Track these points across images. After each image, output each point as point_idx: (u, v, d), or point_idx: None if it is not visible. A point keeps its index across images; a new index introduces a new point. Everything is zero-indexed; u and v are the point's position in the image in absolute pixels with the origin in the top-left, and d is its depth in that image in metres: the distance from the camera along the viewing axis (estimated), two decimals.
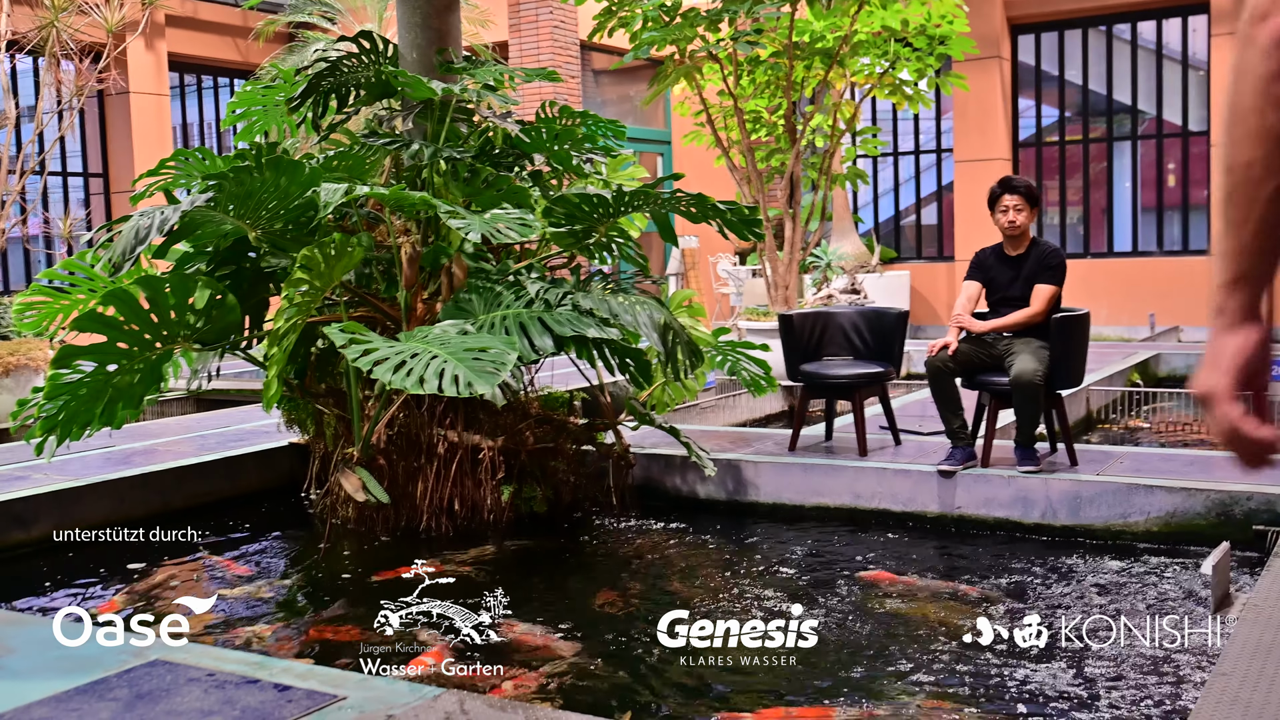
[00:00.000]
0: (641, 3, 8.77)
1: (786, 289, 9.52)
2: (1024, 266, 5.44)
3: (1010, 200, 5.39)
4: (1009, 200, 5.39)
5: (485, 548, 5.14)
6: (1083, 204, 14.10)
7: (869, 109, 14.84)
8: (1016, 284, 5.43)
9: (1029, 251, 5.46)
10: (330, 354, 5.53)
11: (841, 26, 8.95)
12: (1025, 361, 5.17)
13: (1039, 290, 5.38)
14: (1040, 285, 5.38)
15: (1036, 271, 5.41)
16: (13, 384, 7.96)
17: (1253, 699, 2.73)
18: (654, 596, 4.41)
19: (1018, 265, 5.45)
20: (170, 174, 5.39)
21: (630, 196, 5.18)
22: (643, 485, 5.92)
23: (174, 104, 14.36)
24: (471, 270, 5.39)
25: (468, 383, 4.24)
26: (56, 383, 4.62)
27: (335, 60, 5.66)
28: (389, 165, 5.81)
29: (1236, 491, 4.81)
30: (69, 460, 5.89)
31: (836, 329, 6.29)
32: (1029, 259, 5.44)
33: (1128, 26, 13.68)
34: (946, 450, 5.58)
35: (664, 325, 5.00)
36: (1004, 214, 5.40)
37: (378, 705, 2.62)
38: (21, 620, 3.46)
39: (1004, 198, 5.40)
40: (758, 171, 9.62)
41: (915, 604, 4.19)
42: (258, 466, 6.16)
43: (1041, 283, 5.38)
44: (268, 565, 5.06)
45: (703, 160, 13.49)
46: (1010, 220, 5.38)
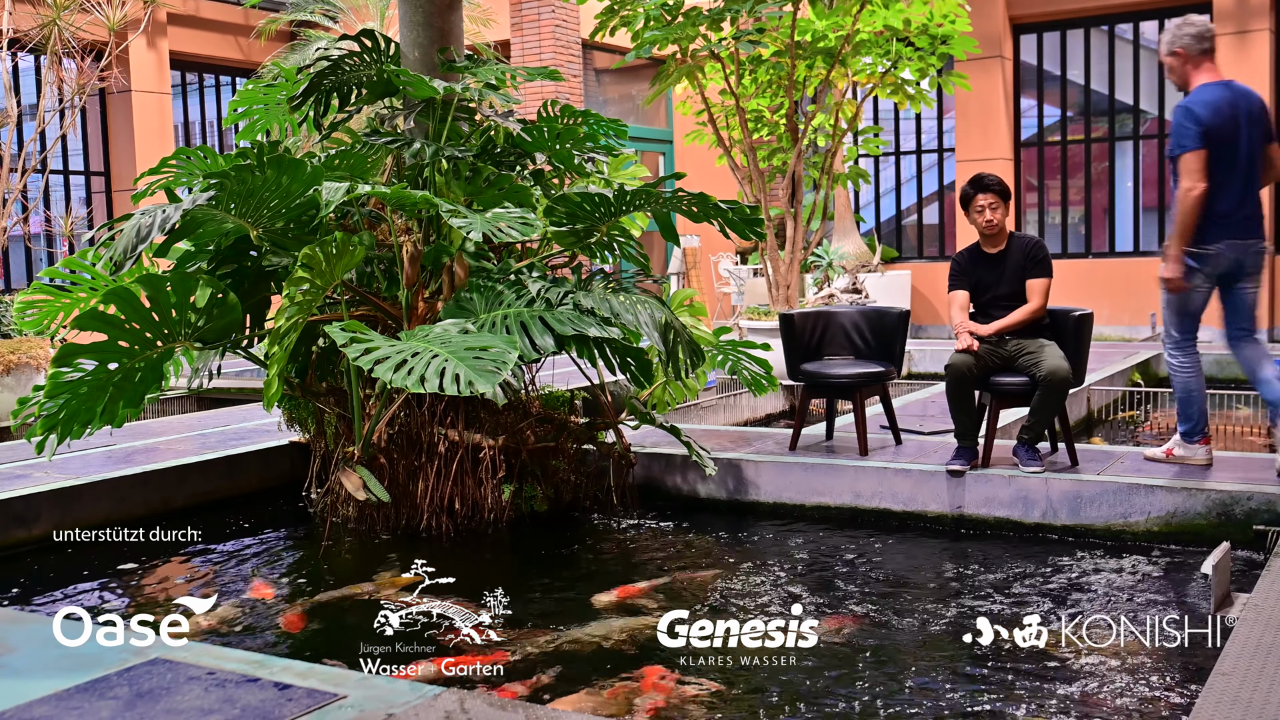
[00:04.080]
0: (643, 2, 8.77)
1: (788, 288, 9.52)
2: (1007, 263, 5.44)
3: (985, 199, 5.37)
4: (983, 200, 5.38)
5: (485, 547, 5.14)
6: (1084, 204, 14.10)
7: (871, 108, 14.84)
8: (1003, 281, 5.43)
9: (1009, 247, 5.46)
10: (331, 353, 5.53)
11: (843, 26, 8.95)
12: (1056, 359, 5.20)
13: (1035, 285, 5.38)
14: (1034, 280, 5.39)
15: (1025, 266, 5.41)
16: (14, 382, 7.96)
17: (1253, 699, 2.73)
18: (654, 596, 4.41)
19: (1000, 262, 5.45)
20: (172, 172, 5.39)
21: (632, 196, 5.18)
22: (643, 484, 5.92)
23: (175, 102, 14.37)
24: (473, 269, 5.39)
25: (469, 382, 4.24)
26: (57, 381, 4.62)
27: (337, 59, 5.66)
28: (390, 164, 5.82)
29: (1237, 491, 4.81)
30: (70, 459, 5.90)
31: (838, 328, 6.29)
32: (1011, 254, 5.44)
33: (1130, 26, 13.67)
34: (949, 450, 5.59)
35: (665, 324, 5.00)
36: (980, 214, 5.39)
37: (378, 704, 2.63)
38: (22, 619, 3.47)
39: (978, 198, 5.39)
40: (759, 171, 9.61)
41: (915, 603, 4.19)
42: (258, 465, 6.16)
43: (1034, 277, 5.39)
44: (270, 565, 5.06)
45: (704, 159, 13.49)
46: (988, 220, 5.38)
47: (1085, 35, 13.86)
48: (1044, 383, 5.19)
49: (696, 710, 3.30)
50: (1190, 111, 4.96)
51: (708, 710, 3.29)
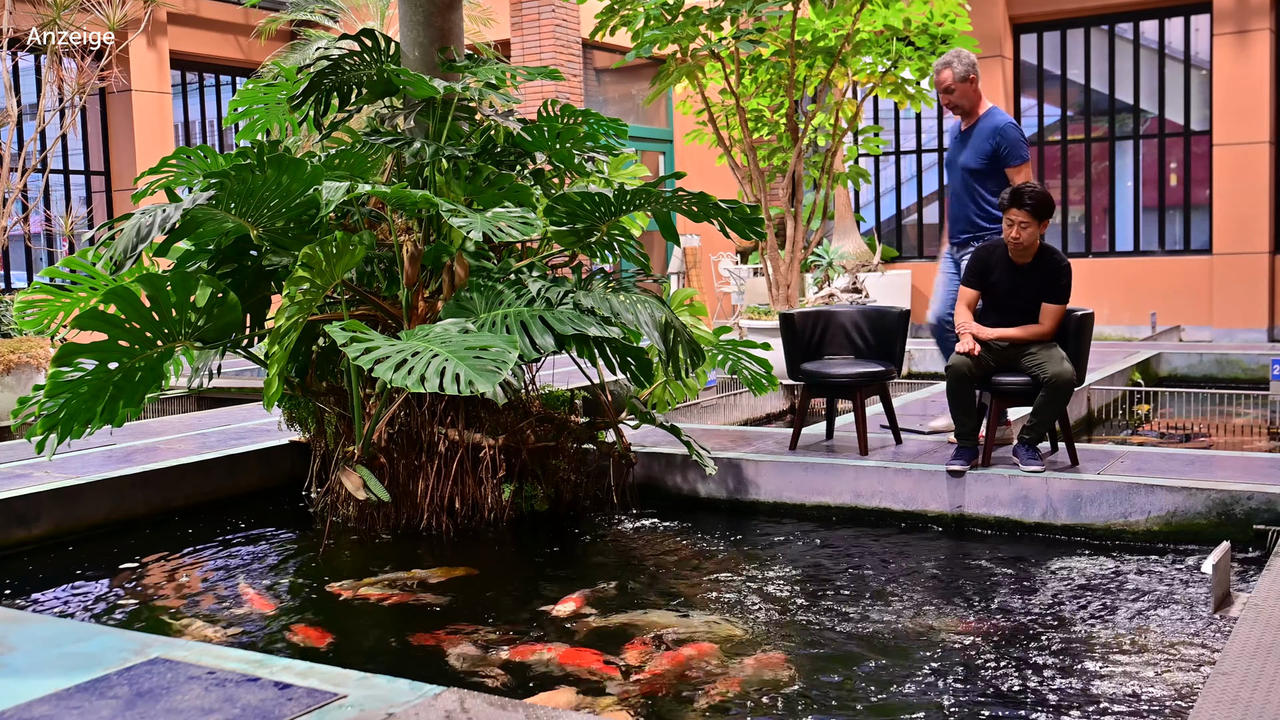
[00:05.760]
0: (643, 1, 8.77)
1: (788, 288, 9.52)
2: (1029, 278, 5.33)
3: (1017, 215, 5.19)
4: (1015, 215, 5.20)
5: (486, 546, 5.14)
6: (1085, 203, 14.10)
7: (871, 108, 14.85)
8: (1019, 294, 5.35)
9: (1037, 262, 5.34)
10: (331, 352, 5.53)
11: (844, 25, 8.95)
12: (1060, 362, 5.20)
13: (1049, 309, 5.31)
14: (1050, 305, 5.30)
15: (1045, 290, 5.31)
16: (14, 382, 7.96)
17: (1253, 699, 2.73)
18: (654, 595, 4.41)
19: (1023, 275, 5.34)
20: (172, 172, 5.39)
21: (632, 195, 5.17)
22: (644, 484, 5.93)
23: (176, 102, 14.37)
24: (473, 269, 5.39)
25: (469, 381, 4.24)
26: (58, 381, 4.63)
27: (337, 58, 5.66)
28: (390, 164, 5.82)
29: (1237, 491, 4.81)
30: (70, 458, 5.90)
31: (838, 328, 6.29)
32: (1037, 270, 5.33)
33: (1130, 26, 13.68)
34: (950, 450, 5.59)
35: (665, 324, 5.00)
36: (1009, 227, 5.23)
37: (378, 703, 2.63)
38: (22, 618, 3.46)
39: (1011, 211, 5.22)
40: (759, 170, 9.61)
41: (915, 603, 4.19)
42: (259, 465, 6.16)
43: (1051, 302, 5.31)
44: (270, 565, 5.06)
45: (704, 159, 13.50)
46: (1014, 237, 5.23)
47: (1085, 35, 13.87)
48: (1048, 385, 5.18)
49: (693, 706, 3.30)
50: (1017, 126, 5.90)
51: (708, 708, 3.30)
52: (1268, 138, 12.66)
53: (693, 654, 3.66)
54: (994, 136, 5.82)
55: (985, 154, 5.85)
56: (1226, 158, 12.81)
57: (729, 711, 3.27)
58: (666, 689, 3.43)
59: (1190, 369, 10.38)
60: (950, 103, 5.94)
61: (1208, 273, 13.05)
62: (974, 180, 5.92)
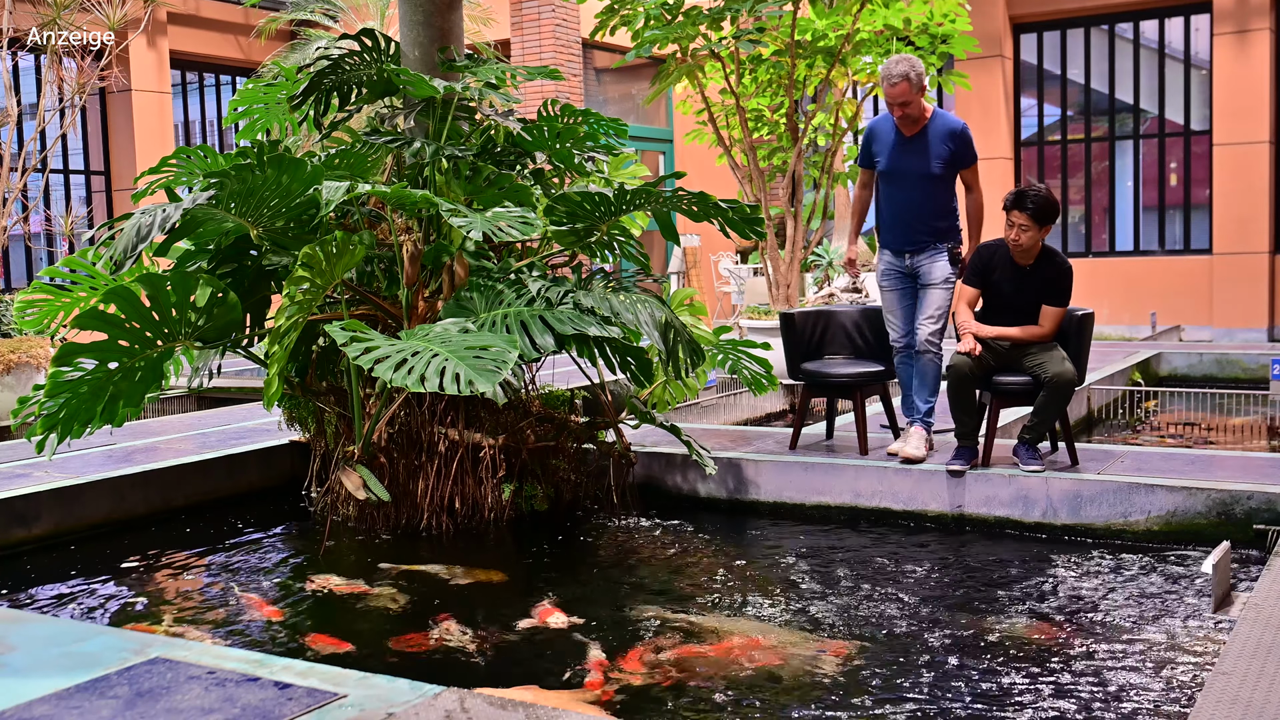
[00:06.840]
0: (643, 1, 8.77)
1: (788, 287, 9.52)
2: (1033, 279, 5.32)
3: (1017, 218, 5.18)
4: (1015, 218, 5.18)
5: (486, 545, 5.14)
6: (1085, 203, 14.10)
7: (871, 108, 14.83)
8: (1020, 295, 5.34)
9: (1039, 263, 5.33)
10: (331, 352, 5.53)
11: (844, 25, 8.95)
12: (1061, 363, 5.20)
13: (1049, 312, 5.30)
14: (1050, 308, 5.30)
15: (1046, 292, 5.30)
16: (14, 381, 7.96)
17: (1253, 699, 2.73)
18: (654, 595, 4.41)
19: (1024, 277, 5.33)
20: (172, 172, 5.39)
21: (632, 195, 5.17)
22: (644, 484, 5.93)
23: (176, 102, 14.37)
24: (473, 268, 5.39)
25: (469, 381, 4.24)
26: (58, 380, 4.62)
27: (337, 58, 5.66)
28: (390, 163, 5.82)
29: (1237, 491, 4.81)
30: (70, 458, 5.90)
31: (838, 328, 6.29)
32: (1038, 272, 5.32)
33: (1130, 25, 13.68)
34: (950, 450, 5.58)
35: (665, 323, 5.00)
36: (1009, 229, 5.23)
37: (378, 703, 2.62)
38: (22, 618, 3.46)
39: (1012, 213, 5.20)
40: (759, 170, 9.61)
41: (914, 602, 4.19)
42: (259, 464, 6.16)
43: (1052, 305, 5.30)
44: (270, 565, 5.06)
45: (704, 159, 13.50)
46: (1014, 239, 5.22)
47: (1085, 35, 13.87)
48: (1049, 385, 5.18)
49: (694, 707, 3.30)
50: (968, 130, 5.71)
51: (708, 706, 3.30)
52: (1268, 137, 12.66)
53: (693, 653, 3.67)
54: (953, 139, 5.55)
55: (944, 157, 5.56)
56: (1226, 157, 12.81)
57: (729, 710, 3.27)
58: (666, 688, 3.43)
59: (1190, 369, 10.38)
60: (905, 114, 5.55)
61: (1208, 272, 13.05)
62: (932, 185, 5.60)
